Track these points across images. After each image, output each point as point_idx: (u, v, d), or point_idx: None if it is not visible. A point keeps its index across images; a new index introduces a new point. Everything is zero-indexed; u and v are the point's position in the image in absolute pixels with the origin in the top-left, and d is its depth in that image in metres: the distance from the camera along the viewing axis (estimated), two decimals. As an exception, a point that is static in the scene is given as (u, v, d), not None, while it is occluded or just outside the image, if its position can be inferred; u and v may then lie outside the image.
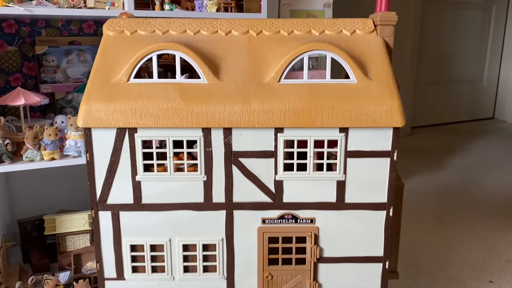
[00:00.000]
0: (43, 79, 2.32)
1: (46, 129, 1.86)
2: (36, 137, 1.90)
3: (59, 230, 2.10)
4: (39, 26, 2.31)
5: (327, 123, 1.09)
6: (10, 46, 2.26)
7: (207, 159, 1.13)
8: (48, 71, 2.33)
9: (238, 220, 1.17)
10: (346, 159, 1.13)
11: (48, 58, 2.32)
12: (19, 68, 2.30)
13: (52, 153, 1.87)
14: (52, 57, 2.32)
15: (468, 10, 4.48)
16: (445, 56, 4.51)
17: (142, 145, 1.11)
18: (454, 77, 4.62)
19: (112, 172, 1.13)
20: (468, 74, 4.68)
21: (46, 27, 2.34)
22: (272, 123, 1.09)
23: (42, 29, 2.33)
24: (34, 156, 1.90)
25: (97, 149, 1.11)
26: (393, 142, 1.12)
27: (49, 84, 2.32)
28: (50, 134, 1.85)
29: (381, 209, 1.17)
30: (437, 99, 4.51)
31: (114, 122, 1.08)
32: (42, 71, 2.33)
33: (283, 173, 1.14)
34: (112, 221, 1.16)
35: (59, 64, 2.35)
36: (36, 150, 1.91)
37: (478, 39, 4.64)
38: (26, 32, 2.29)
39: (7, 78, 2.27)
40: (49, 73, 2.33)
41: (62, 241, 2.11)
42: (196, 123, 1.09)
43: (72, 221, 2.10)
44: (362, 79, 1.14)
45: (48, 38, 2.36)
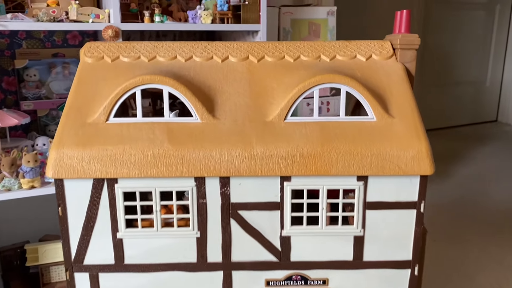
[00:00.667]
0: (24, 95, 2.14)
1: (24, 155, 1.69)
2: (13, 164, 1.72)
3: (42, 260, 1.94)
4: (19, 38, 2.13)
5: (343, 170, 0.92)
6: (-13, 59, 2.08)
7: (200, 212, 0.96)
8: (30, 86, 2.15)
9: (238, 283, 1.00)
10: (365, 211, 0.96)
11: (30, 72, 2.13)
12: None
13: (32, 181, 1.70)
14: (34, 71, 2.14)
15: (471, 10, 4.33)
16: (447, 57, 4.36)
17: (123, 198, 0.94)
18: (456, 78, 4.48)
19: (89, 229, 0.95)
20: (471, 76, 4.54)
21: (27, 39, 2.16)
22: (278, 171, 0.92)
23: (23, 41, 2.14)
24: (12, 184, 1.73)
25: (71, 203, 0.94)
26: (420, 191, 0.95)
27: (31, 101, 2.14)
28: (29, 160, 1.67)
29: (405, 268, 1.00)
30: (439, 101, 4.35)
31: (90, 172, 0.91)
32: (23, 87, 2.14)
33: (290, 228, 0.97)
34: (90, 284, 0.99)
35: (42, 79, 2.17)
36: (14, 178, 1.73)
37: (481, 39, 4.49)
38: (5, 44, 2.11)
39: (-15, 95, 2.09)
40: (30, 88, 2.15)
41: (46, 272, 1.95)
42: (187, 172, 0.92)
43: (56, 250, 1.93)
44: (382, 117, 0.97)
45: (29, 50, 2.18)
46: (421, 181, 0.95)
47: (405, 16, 1.11)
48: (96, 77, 1.03)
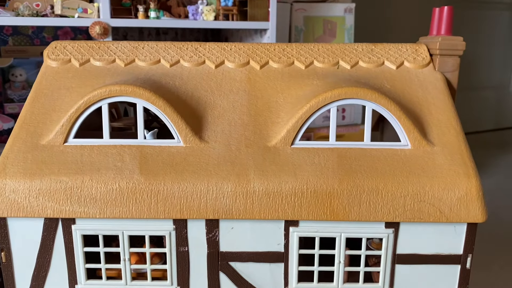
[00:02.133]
0: (9, 97, 1.96)
1: None
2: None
3: None
4: (5, 34, 1.94)
5: (368, 215, 0.70)
6: (-30, 58, 1.90)
7: (181, 263, 0.74)
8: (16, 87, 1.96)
9: None
10: (394, 265, 0.74)
11: (15, 71, 1.95)
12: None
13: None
14: (20, 71, 1.96)
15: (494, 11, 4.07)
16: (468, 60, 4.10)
17: (83, 242, 0.73)
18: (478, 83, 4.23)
19: (40, 280, 0.75)
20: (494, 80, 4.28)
21: (13, 35, 1.97)
22: (281, 214, 0.71)
23: (9, 37, 1.96)
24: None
25: (17, 248, 0.74)
26: (467, 243, 0.73)
27: (16, 104, 1.96)
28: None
29: None
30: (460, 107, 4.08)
31: (40, 209, 0.70)
32: (8, 87, 1.96)
33: (297, 285, 0.75)
34: None
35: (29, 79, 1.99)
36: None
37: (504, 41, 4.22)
38: (-11, 41, 1.93)
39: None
40: (16, 89, 1.97)
41: None
42: (163, 212, 0.70)
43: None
44: (420, 144, 0.75)
45: (16, 48, 1.99)
46: (468, 229, 0.72)
47: (446, 13, 0.89)
48: (58, 85, 0.83)
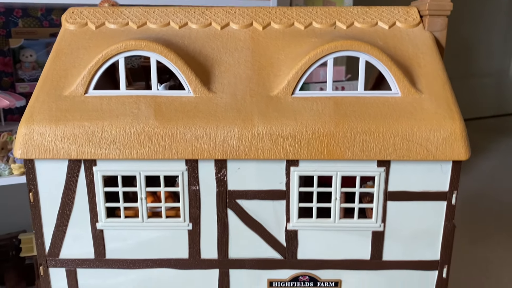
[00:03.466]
0: (20, 77, 2.03)
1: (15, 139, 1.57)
2: (3, 148, 1.62)
3: (38, 251, 1.83)
4: (15, 16, 2.01)
5: (361, 154, 0.78)
6: (-19, 39, 1.97)
7: (193, 201, 0.82)
8: (26, 67, 2.03)
9: (236, 283, 0.86)
10: (386, 202, 0.82)
11: (26, 52, 2.01)
12: (-8, 65, 2.01)
13: (23, 166, 1.58)
14: (30, 52, 2.02)
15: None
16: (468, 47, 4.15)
17: (103, 183, 0.81)
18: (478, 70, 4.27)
19: (64, 218, 0.83)
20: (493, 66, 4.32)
21: (23, 17, 2.03)
22: (283, 154, 0.78)
23: (19, 19, 2.02)
24: (2, 170, 1.62)
25: (44, 188, 0.81)
26: (452, 180, 0.80)
27: (27, 83, 2.03)
28: (20, 144, 1.55)
29: (432, 269, 0.86)
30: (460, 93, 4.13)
31: (64, 151, 0.78)
32: (19, 68, 2.03)
33: (297, 221, 0.83)
34: (67, 281, 0.86)
35: (39, 60, 2.05)
36: (4, 163, 1.62)
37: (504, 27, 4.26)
38: (0, 22, 1.99)
39: (-22, 77, 1.99)
40: (27, 69, 2.04)
41: (42, 263, 1.84)
42: (177, 153, 0.78)
43: (52, 240, 1.83)
44: (409, 91, 0.82)
45: (25, 29, 2.06)
46: (453, 167, 0.80)
47: (435, -23, 0.96)
48: (77, 45, 0.90)
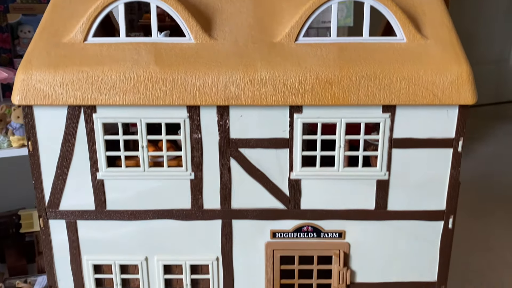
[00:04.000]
0: (18, 53, 2.01)
1: (14, 110, 1.56)
2: (2, 120, 1.60)
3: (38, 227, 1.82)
4: (13, -11, 1.98)
5: (366, 98, 0.76)
6: (-22, 14, 1.95)
7: (195, 149, 0.81)
8: (24, 43, 2.01)
9: (239, 233, 0.85)
10: (391, 150, 0.80)
11: (24, 28, 1.99)
12: (-12, 41, 1.99)
13: (22, 138, 1.58)
14: (29, 27, 2.00)
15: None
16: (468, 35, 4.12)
17: (104, 130, 0.79)
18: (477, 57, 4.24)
19: (64, 167, 0.81)
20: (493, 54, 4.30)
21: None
22: (286, 99, 0.77)
23: (18, -7, 2.00)
24: (0, 142, 1.61)
25: (43, 135, 0.80)
26: (459, 126, 0.79)
27: (26, 59, 2.00)
28: (18, 116, 1.55)
29: (437, 219, 0.84)
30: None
31: (63, 97, 0.76)
32: (17, 44, 2.01)
33: (301, 170, 0.82)
34: (67, 233, 0.85)
35: (37, 36, 2.02)
36: (3, 135, 1.61)
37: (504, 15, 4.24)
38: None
39: (-25, 51, 1.97)
40: (25, 45, 2.02)
41: (42, 239, 1.83)
42: (178, 99, 0.77)
43: (52, 216, 1.82)
44: (414, 37, 0.80)
45: (23, 5, 2.04)
46: (460, 112, 0.78)
47: None
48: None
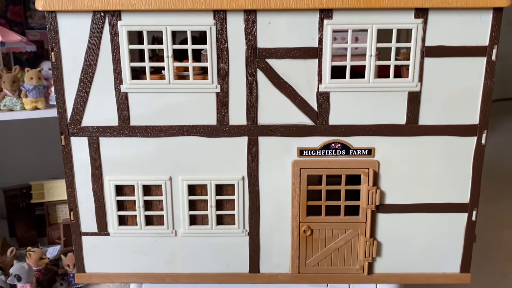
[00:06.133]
0: (30, 25, 2.01)
1: (27, 72, 1.55)
2: (15, 82, 1.59)
3: (48, 198, 1.83)
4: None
5: (397, 0, 0.74)
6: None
7: (221, 60, 0.79)
8: (36, 15, 2.01)
9: (266, 151, 0.83)
10: (423, 59, 0.78)
11: (36, 0, 1.99)
12: (3, 13, 2.00)
13: (35, 100, 1.56)
14: None
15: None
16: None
17: (128, 40, 0.78)
18: (493, 52, 4.24)
19: (87, 80, 0.80)
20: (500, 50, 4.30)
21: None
22: (316, 1, 0.75)
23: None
24: (14, 104, 1.60)
25: (66, 45, 0.78)
26: (493, 32, 0.77)
27: (37, 31, 2.02)
28: (32, 77, 1.54)
29: (470, 135, 0.82)
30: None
31: (88, 1, 0.75)
32: (29, 16, 2.01)
33: (330, 81, 0.80)
34: (89, 152, 0.83)
35: (49, 8, 2.02)
36: (16, 97, 1.60)
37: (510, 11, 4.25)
38: (11, -29, 1.98)
39: (-14, 19, 1.97)
40: (37, 18, 2.02)
41: (52, 211, 1.84)
42: (204, 2, 0.75)
43: (63, 187, 1.81)
44: None
45: (35, -23, 2.04)
46: (494, 17, 0.76)
47: None
48: None
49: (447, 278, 0.88)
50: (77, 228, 0.87)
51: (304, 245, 0.87)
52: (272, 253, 0.88)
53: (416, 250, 0.88)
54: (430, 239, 0.87)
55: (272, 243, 0.88)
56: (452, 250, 0.87)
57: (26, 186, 1.92)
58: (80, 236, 0.87)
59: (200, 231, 0.87)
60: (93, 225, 0.87)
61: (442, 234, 0.87)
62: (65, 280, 1.52)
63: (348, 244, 0.87)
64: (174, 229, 0.87)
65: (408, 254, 0.88)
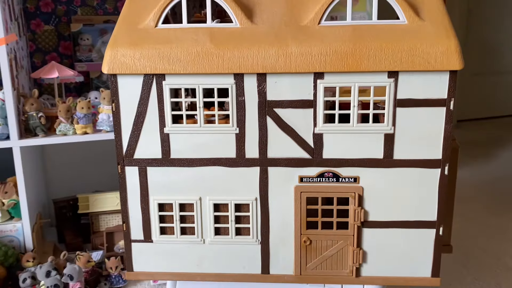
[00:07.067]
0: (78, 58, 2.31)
1: (79, 102, 1.83)
2: (69, 111, 1.87)
3: (92, 209, 2.07)
4: (74, 5, 2.30)
5: (374, 65, 0.97)
6: (46, 25, 2.26)
7: (239, 109, 1.03)
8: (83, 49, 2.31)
9: (273, 178, 1.06)
10: (395, 108, 1.01)
11: (83, 36, 2.29)
12: (55, 47, 2.29)
13: (85, 127, 1.84)
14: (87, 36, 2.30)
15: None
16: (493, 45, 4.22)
17: (170, 94, 1.03)
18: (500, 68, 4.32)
19: (139, 124, 1.05)
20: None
21: (81, 6, 2.32)
22: (311, 67, 0.99)
23: (78, 8, 2.31)
24: (67, 129, 1.88)
25: (124, 98, 1.04)
26: (450, 88, 0.99)
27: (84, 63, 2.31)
28: (82, 107, 1.82)
29: (435, 167, 1.04)
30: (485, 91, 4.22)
31: (141, 67, 1.00)
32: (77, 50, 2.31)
33: (323, 125, 1.03)
34: (139, 178, 1.08)
35: (94, 43, 2.33)
36: (69, 123, 1.88)
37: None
38: (62, 11, 2.28)
39: (44, 57, 2.27)
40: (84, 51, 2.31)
41: (96, 220, 2.08)
42: (227, 68, 1.00)
43: (105, 200, 2.07)
44: (413, 20, 1.01)
45: (83, 17, 2.34)
46: (450, 77, 0.98)
47: None
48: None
49: (421, 281, 1.09)
50: (128, 236, 1.12)
51: (305, 252, 1.10)
52: (279, 259, 1.11)
53: (395, 257, 1.09)
54: (406, 249, 1.08)
55: (279, 250, 1.11)
56: (424, 259, 1.08)
57: (73, 198, 2.16)
58: (130, 243, 1.12)
59: (222, 240, 1.11)
60: (140, 234, 1.11)
61: (416, 245, 1.08)
62: (108, 280, 1.77)
63: (340, 252, 1.09)
64: (202, 238, 1.11)
65: (388, 261, 1.09)
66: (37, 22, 2.25)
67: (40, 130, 1.83)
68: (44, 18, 2.24)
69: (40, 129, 1.83)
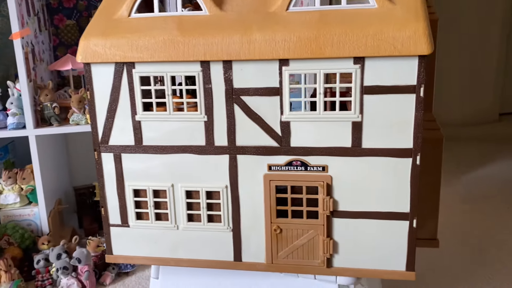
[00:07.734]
0: (97, 51, 2.37)
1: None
2: (81, 101, 1.95)
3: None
4: (95, 0, 2.38)
5: (337, 51, 0.95)
6: (68, 20, 2.35)
7: (207, 97, 1.04)
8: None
9: (243, 166, 1.06)
10: (362, 96, 0.98)
11: (102, 30, 2.35)
12: (77, 40, 2.38)
13: (97, 116, 1.89)
14: (106, 29, 2.35)
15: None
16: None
17: (142, 82, 1.05)
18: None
19: (112, 111, 1.08)
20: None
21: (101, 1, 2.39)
22: (275, 54, 0.97)
23: (98, 3, 2.40)
24: (80, 119, 1.95)
25: (97, 86, 1.07)
26: (419, 74, 0.94)
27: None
28: (93, 97, 1.87)
29: (406, 157, 0.99)
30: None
31: (111, 56, 1.04)
32: (97, 43, 2.37)
33: (289, 113, 1.01)
34: (114, 164, 1.12)
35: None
36: (82, 113, 1.96)
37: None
38: (83, 6, 2.37)
39: (66, 51, 2.37)
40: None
41: (112, 207, 2.13)
42: (192, 55, 1.00)
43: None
44: (383, 3, 0.98)
45: (103, 11, 2.40)
46: (419, 62, 0.94)
47: None
48: (126, -14, 1.16)
49: (395, 275, 1.06)
50: (107, 220, 1.16)
51: (276, 241, 1.09)
52: (250, 246, 1.11)
53: (367, 249, 1.06)
54: (378, 241, 1.05)
55: (250, 238, 1.11)
56: (398, 251, 1.05)
57: (93, 186, 2.27)
58: (109, 227, 1.16)
59: (195, 226, 1.12)
60: (118, 218, 1.15)
61: (388, 238, 1.04)
62: (116, 265, 1.84)
63: (311, 242, 1.08)
64: (176, 224, 1.13)
65: (360, 252, 1.06)
66: (60, 17, 2.35)
67: (54, 120, 1.93)
68: (66, 13, 2.34)
69: (54, 118, 1.93)
